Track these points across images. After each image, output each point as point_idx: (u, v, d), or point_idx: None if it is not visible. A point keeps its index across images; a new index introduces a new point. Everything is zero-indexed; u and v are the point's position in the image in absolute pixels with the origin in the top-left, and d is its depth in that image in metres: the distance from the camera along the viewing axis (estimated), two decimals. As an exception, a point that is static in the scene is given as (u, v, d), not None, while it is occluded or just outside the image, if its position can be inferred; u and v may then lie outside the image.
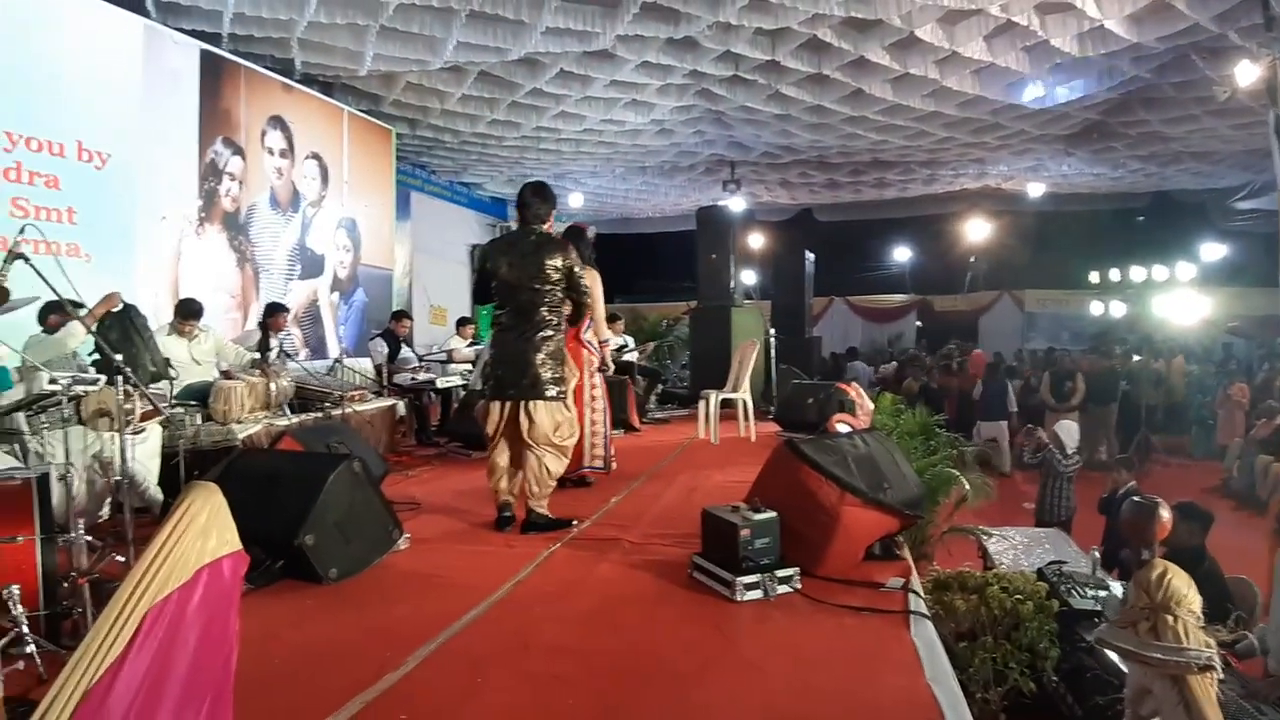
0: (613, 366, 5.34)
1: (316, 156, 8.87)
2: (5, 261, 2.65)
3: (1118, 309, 13.74)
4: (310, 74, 8.51)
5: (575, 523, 4.11)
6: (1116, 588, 4.46)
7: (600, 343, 5.16)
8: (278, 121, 8.23)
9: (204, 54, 7.14)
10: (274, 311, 6.71)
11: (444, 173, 13.29)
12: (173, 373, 4.80)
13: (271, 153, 8.20)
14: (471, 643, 2.71)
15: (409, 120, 10.27)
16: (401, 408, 7.29)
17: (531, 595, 3.18)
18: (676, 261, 15.61)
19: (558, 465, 4.16)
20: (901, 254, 21.27)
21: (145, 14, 6.57)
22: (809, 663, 2.53)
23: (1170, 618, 2.92)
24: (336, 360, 6.67)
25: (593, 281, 4.63)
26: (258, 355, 6.03)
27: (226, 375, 5.44)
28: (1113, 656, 3.44)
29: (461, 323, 9.17)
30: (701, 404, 6.93)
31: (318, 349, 8.67)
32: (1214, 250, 14.88)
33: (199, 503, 1.67)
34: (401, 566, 3.55)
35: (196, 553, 1.62)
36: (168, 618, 1.52)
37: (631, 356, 9.11)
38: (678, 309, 15.34)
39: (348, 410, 5.85)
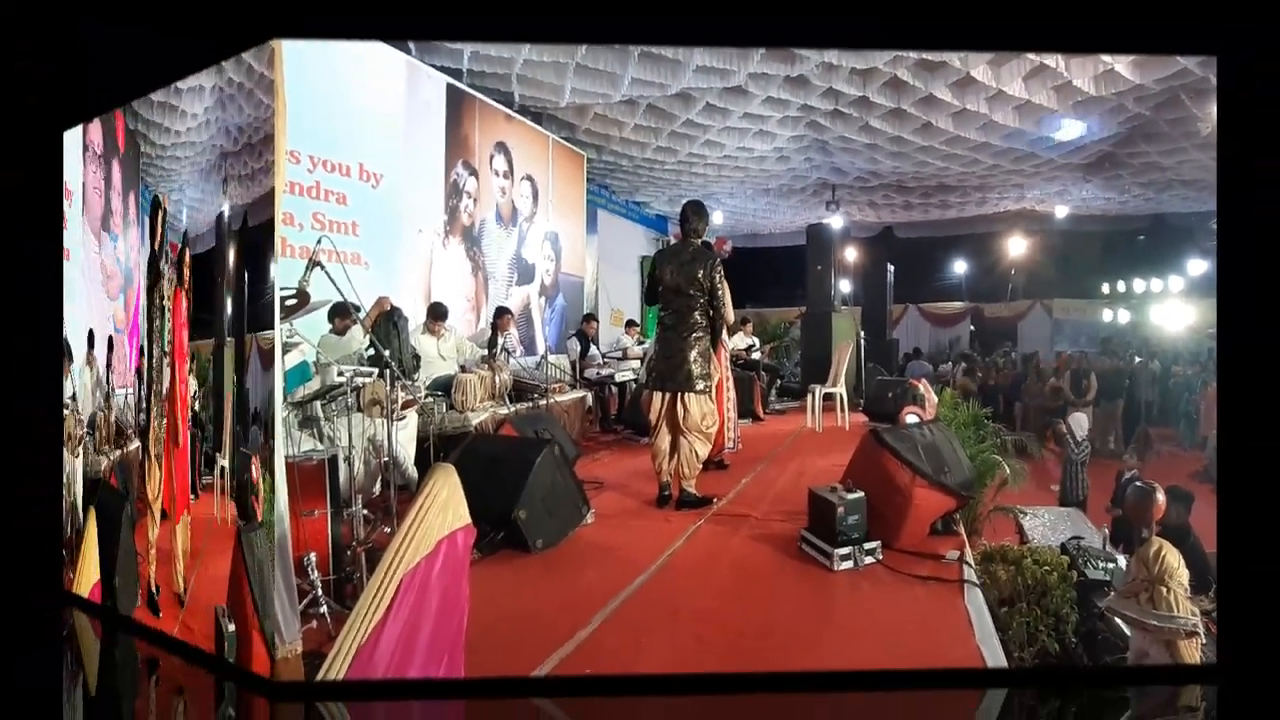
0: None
1: (529, 178, 9.36)
2: (306, 269, 2.83)
3: (1124, 316, 13.30)
4: (525, 105, 9.06)
5: (715, 500, 4.36)
6: (1123, 561, 4.39)
7: None
8: (501, 147, 8.67)
9: (449, 87, 7.57)
10: (501, 313, 6.99)
11: (621, 193, 13.80)
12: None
13: (496, 174, 8.65)
14: (638, 608, 2.95)
15: (596, 146, 10.76)
16: (590, 399, 7.65)
17: (682, 564, 3.47)
18: (792, 272, 16.07)
19: (705, 449, 4.41)
20: (960, 267, 20.59)
21: (407, 51, 7.03)
22: (889, 628, 2.75)
23: (1164, 589, 3.05)
24: (543, 357, 7.10)
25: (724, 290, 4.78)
26: (485, 352, 6.36)
27: (464, 369, 5.80)
28: (1119, 622, 3.51)
29: (629, 324, 9.46)
30: (809, 397, 7.15)
31: (529, 347, 9.20)
32: (1199, 266, 13.91)
33: (440, 481, 1.77)
34: (588, 538, 3.78)
35: (438, 526, 1.71)
36: (417, 584, 1.65)
37: (757, 355, 9.23)
38: (792, 314, 15.48)
39: (551, 401, 6.18)
